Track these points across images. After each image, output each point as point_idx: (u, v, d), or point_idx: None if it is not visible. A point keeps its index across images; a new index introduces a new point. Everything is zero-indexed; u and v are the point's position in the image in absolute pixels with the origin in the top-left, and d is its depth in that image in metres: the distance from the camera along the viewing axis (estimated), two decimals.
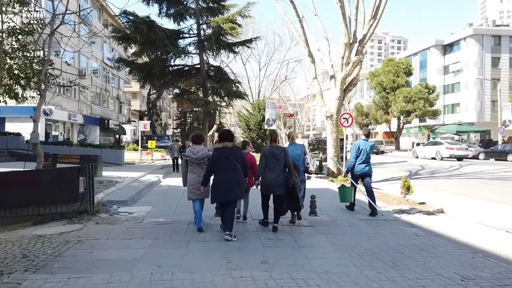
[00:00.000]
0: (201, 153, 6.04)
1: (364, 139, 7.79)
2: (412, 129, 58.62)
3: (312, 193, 7.80)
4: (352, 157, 7.72)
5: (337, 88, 13.97)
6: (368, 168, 7.67)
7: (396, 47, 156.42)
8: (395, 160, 27.47)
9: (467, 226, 6.65)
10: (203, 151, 6.09)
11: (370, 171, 7.75)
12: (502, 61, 51.17)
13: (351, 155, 7.79)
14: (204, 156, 6.00)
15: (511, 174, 16.47)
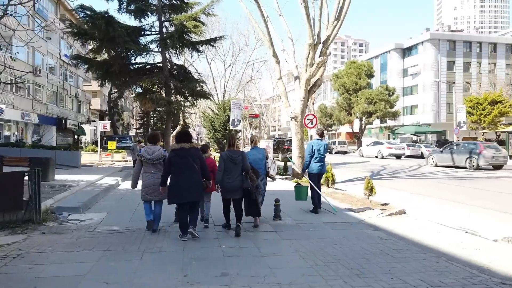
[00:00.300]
0: (157, 153, 5.88)
1: (318, 138, 8.01)
2: (373, 129, 60.32)
3: (276, 195, 7.67)
4: (306, 156, 7.95)
5: (301, 89, 13.90)
6: (324, 167, 7.99)
7: (358, 50, 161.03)
8: (358, 160, 28.02)
9: (428, 228, 6.67)
10: (159, 151, 5.90)
11: (324, 170, 8.11)
12: (456, 64, 53.76)
13: (306, 154, 8.04)
14: (160, 157, 5.85)
15: (465, 174, 17.12)
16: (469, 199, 10.08)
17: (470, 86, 52.57)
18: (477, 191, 11.67)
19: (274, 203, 6.98)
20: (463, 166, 20.00)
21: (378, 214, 7.68)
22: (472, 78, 53.84)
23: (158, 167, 5.90)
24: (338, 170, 19.49)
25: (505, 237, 6.03)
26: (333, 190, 11.03)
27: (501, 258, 4.85)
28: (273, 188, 11.13)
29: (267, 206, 7.48)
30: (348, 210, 8.02)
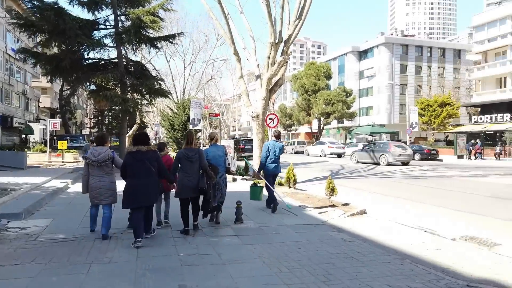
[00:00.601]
0: (103, 155, 5.56)
1: (274, 140, 8.32)
2: (331, 130, 61.66)
3: (237, 196, 7.41)
4: (262, 156, 8.08)
5: (263, 88, 13.72)
6: (278, 168, 8.17)
7: (317, 52, 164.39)
8: (317, 160, 28.37)
9: (390, 228, 6.67)
10: (105, 153, 5.59)
11: (279, 170, 8.25)
12: (409, 68, 56.14)
13: (262, 155, 8.16)
14: (106, 159, 5.55)
15: (420, 173, 17.76)
16: (425, 197, 10.34)
17: (421, 89, 55.13)
18: (432, 189, 12.04)
19: (236, 205, 6.69)
20: (378, 162, 23.13)
21: (340, 214, 7.62)
22: (423, 81, 56.48)
23: (105, 169, 5.66)
24: (298, 170, 19.55)
25: (462, 236, 6.13)
26: (294, 191, 10.93)
27: (463, 258, 4.87)
28: (234, 189, 10.84)
29: (228, 208, 7.20)
30: (310, 211, 7.91)
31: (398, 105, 54.78)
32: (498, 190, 11.46)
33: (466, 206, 8.89)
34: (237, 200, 6.73)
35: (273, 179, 8.28)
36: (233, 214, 6.77)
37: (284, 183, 11.58)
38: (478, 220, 7.50)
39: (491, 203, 9.41)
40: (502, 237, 6.03)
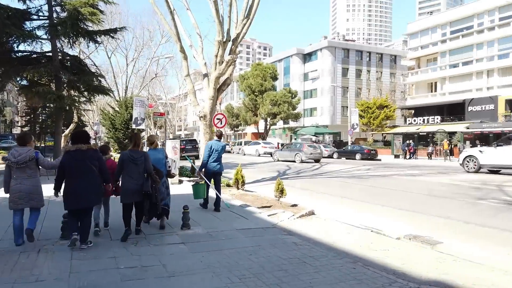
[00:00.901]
0: (23, 156, 5.10)
1: (216, 139, 8.47)
2: (277, 130, 62.57)
3: (183, 199, 7.09)
4: (205, 156, 8.18)
5: (210, 87, 13.36)
6: (220, 166, 8.29)
7: (263, 53, 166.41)
8: (264, 160, 28.50)
9: (339, 229, 6.69)
10: (27, 153, 5.15)
11: (221, 169, 8.38)
12: (350, 71, 58.60)
13: (204, 154, 8.26)
14: (27, 160, 5.11)
15: (362, 172, 18.44)
16: (369, 197, 10.64)
17: (361, 92, 57.82)
18: (375, 189, 12.47)
19: (183, 210, 6.31)
20: (294, 160, 26.50)
21: (289, 216, 7.53)
22: (363, 84, 59.26)
23: (26, 171, 5.18)
24: (246, 171, 19.41)
25: (406, 235, 6.29)
26: (243, 192, 10.73)
27: (410, 258, 4.95)
28: (180, 191, 10.41)
29: (174, 213, 6.81)
30: (260, 214, 7.74)
31: (340, 106, 56.95)
32: (433, 189, 12.14)
33: (407, 205, 9.26)
34: (184, 205, 6.36)
35: (216, 178, 8.37)
36: (179, 220, 6.40)
37: (233, 184, 11.34)
38: (419, 219, 7.80)
39: (429, 201, 9.90)
40: (442, 235, 6.29)
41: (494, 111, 35.31)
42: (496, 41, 37.01)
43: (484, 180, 14.45)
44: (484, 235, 6.38)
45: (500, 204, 9.08)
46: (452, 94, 40.48)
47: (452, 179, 15.02)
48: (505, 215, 7.79)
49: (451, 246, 5.63)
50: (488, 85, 37.28)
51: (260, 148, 37.50)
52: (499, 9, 36.57)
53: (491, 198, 9.86)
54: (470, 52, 39.59)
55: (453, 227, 6.95)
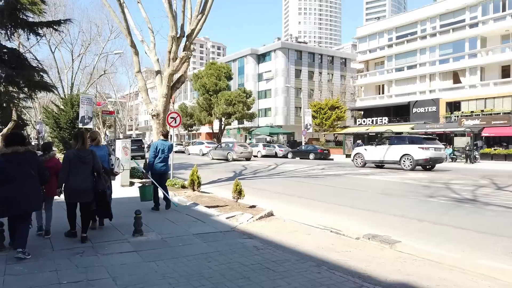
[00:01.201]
0: None
1: (163, 139, 8.43)
2: (232, 130, 62.29)
3: (134, 203, 6.59)
4: (150, 156, 8.06)
5: (164, 84, 12.80)
6: (166, 167, 8.29)
7: (216, 52, 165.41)
8: (219, 161, 28.10)
9: (298, 230, 6.56)
10: None
11: (168, 169, 8.43)
12: (303, 73, 59.67)
13: (150, 154, 8.13)
14: None
15: (317, 172, 18.67)
16: (326, 196, 10.68)
17: (314, 93, 59.12)
18: (331, 188, 12.60)
19: (135, 215, 5.83)
20: (227, 159, 28.56)
21: (248, 218, 7.29)
22: (315, 85, 60.60)
23: None
24: (201, 171, 18.91)
25: (365, 234, 6.29)
26: (199, 194, 10.33)
27: (372, 260, 4.90)
28: (132, 194, 9.82)
29: (124, 218, 6.35)
30: (218, 216, 7.43)
31: (294, 107, 57.81)
32: (386, 187, 12.48)
33: (363, 204, 9.38)
34: (136, 209, 5.88)
35: (162, 177, 8.30)
36: (130, 225, 5.93)
37: (188, 186, 10.90)
38: (375, 217, 7.89)
39: (383, 199, 10.12)
40: (399, 233, 6.36)
41: (436, 113, 37.50)
42: (437, 47, 39.31)
43: (432, 178, 15.16)
44: (438, 232, 6.54)
45: (449, 201, 9.47)
46: (398, 96, 42.45)
47: (402, 177, 15.61)
48: (455, 212, 8.10)
49: (409, 245, 5.69)
50: (430, 88, 39.48)
51: (204, 148, 38.42)
52: (440, 16, 38.90)
53: (441, 196, 10.29)
54: (414, 56, 41.74)
55: (409, 225, 7.08)
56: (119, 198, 9.50)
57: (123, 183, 11.89)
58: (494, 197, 10.16)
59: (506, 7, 33.49)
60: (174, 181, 12.09)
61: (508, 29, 33.69)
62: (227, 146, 30.69)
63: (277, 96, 57.49)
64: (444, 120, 36.42)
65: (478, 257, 5.10)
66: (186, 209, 8.20)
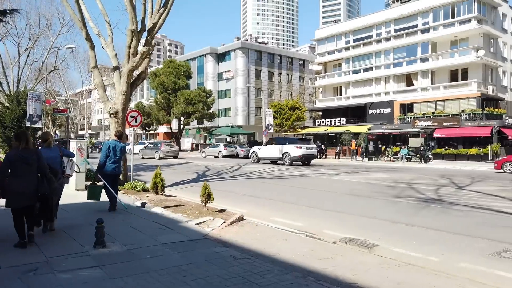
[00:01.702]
0: None
1: (115, 140, 8.31)
2: (191, 130, 61.11)
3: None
4: (102, 156, 7.93)
5: (123, 81, 12.01)
6: (118, 168, 8.16)
7: (174, 51, 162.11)
8: (180, 162, 27.26)
9: (274, 235, 6.25)
10: None
11: (120, 171, 8.32)
12: (262, 73, 59.77)
13: (101, 155, 8.01)
14: None
15: (281, 173, 18.51)
16: (295, 198, 10.47)
17: (274, 93, 59.40)
18: (298, 189, 12.42)
19: (96, 224, 5.22)
20: (154, 157, 30.98)
21: (220, 224, 6.86)
22: (275, 86, 60.95)
23: None
24: (162, 173, 18.21)
25: (341, 238, 6.10)
26: (163, 198, 9.72)
27: (358, 267, 4.69)
28: (84, 199, 9.04)
29: (81, 226, 5.76)
30: (187, 223, 6.93)
31: (254, 107, 57.74)
32: (352, 188, 12.51)
33: (333, 205, 9.26)
34: (98, 218, 5.26)
35: (114, 179, 8.15)
36: (89, 234, 5.33)
37: (151, 189, 10.24)
38: (348, 219, 7.77)
39: (352, 201, 10.07)
40: (375, 236, 6.24)
41: (391, 114, 38.88)
42: (391, 50, 40.77)
43: (394, 178, 15.47)
44: (413, 234, 6.49)
45: (416, 202, 9.57)
46: (355, 98, 43.57)
47: (365, 178, 15.82)
48: (425, 213, 8.15)
49: (388, 248, 5.56)
50: (385, 91, 40.88)
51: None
52: (394, 21, 40.37)
53: (407, 196, 10.42)
54: (370, 59, 43.03)
55: (383, 228, 6.99)
56: (74, 203, 8.72)
57: (78, 186, 11.02)
58: (457, 196, 10.44)
59: (455, 14, 35.36)
60: (134, 184, 11.36)
61: (456, 35, 35.57)
62: (155, 145, 33.00)
63: (237, 96, 57.13)
64: (398, 121, 37.81)
65: (458, 260, 5.04)
66: (151, 215, 7.62)
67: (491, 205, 8.84)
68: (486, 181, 14.20)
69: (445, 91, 35.77)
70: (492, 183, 13.56)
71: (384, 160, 30.41)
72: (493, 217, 7.68)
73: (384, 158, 30.62)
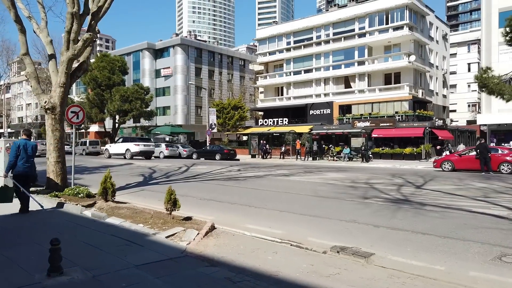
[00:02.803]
0: None
1: (25, 138, 7.98)
2: (126, 129, 57.73)
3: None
4: (11, 156, 7.67)
5: (61, 71, 10.42)
6: (30, 168, 7.82)
7: (105, 45, 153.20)
8: (120, 163, 25.22)
9: (260, 248, 5.55)
10: None
11: (32, 171, 7.90)
12: (203, 71, 58.38)
13: (11, 154, 7.76)
14: None
15: (234, 174, 17.73)
16: (260, 202, 9.79)
17: (214, 92, 58.32)
18: (259, 191, 11.76)
19: (51, 245, 4.04)
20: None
21: (194, 236, 5.96)
22: (216, 85, 59.89)
23: None
24: (100, 176, 16.42)
25: (332, 247, 5.59)
26: (114, 205, 8.49)
27: (371, 283, 4.15)
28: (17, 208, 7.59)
29: (22, 246, 4.50)
30: (153, 235, 5.93)
31: (194, 106, 56.15)
32: (315, 189, 12.10)
33: (302, 208, 8.75)
34: (53, 238, 4.09)
35: (25, 180, 7.78)
36: (37, 257, 4.20)
37: (99, 195, 8.91)
38: (324, 224, 7.30)
39: (320, 203, 9.64)
40: (365, 243, 5.84)
41: (330, 115, 39.98)
42: (330, 53, 41.96)
43: (351, 178, 15.44)
44: (402, 239, 6.15)
45: (386, 203, 9.36)
46: (296, 98, 44.18)
47: (322, 178, 15.64)
48: (401, 215, 7.86)
49: (385, 257, 5.15)
50: (325, 92, 41.96)
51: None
52: (333, 25, 41.59)
53: (374, 197, 10.23)
54: (310, 61, 43.91)
55: (367, 232, 6.60)
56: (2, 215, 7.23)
57: None
58: (421, 196, 10.42)
59: (389, 20, 37.31)
60: (76, 189, 9.90)
61: (390, 41, 37.57)
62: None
63: (177, 94, 55.12)
64: (337, 122, 38.99)
65: (464, 268, 4.75)
66: (107, 227, 6.47)
67: (459, 205, 8.91)
68: (436, 180, 14.65)
69: (380, 94, 37.57)
70: (443, 182, 14.02)
71: (328, 159, 31.03)
72: (469, 217, 7.68)
73: (328, 157, 31.24)
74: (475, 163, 18.44)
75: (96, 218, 7.20)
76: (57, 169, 10.36)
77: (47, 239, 4.05)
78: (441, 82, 43.46)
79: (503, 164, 17.93)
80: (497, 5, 31.21)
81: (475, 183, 13.53)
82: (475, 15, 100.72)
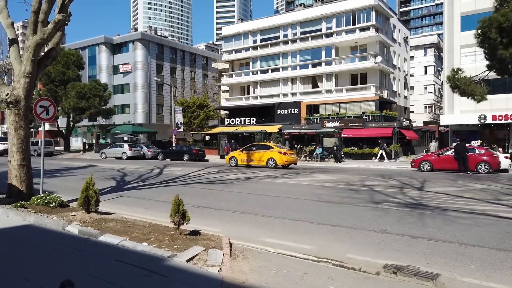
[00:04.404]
0: None
1: None
2: (80, 128, 54.18)
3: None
4: None
5: (26, 58, 8.78)
6: None
7: None
8: (82, 165, 23.03)
9: (308, 272, 4.59)
10: None
11: None
12: (164, 68, 56.13)
13: None
14: None
15: (216, 176, 16.49)
16: (260, 208, 8.78)
17: (177, 90, 56.23)
18: (253, 196, 10.72)
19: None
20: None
21: (221, 259, 4.81)
22: (178, 82, 57.79)
23: None
24: (65, 180, 14.64)
25: (385, 266, 4.76)
26: (100, 217, 7.12)
27: None
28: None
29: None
30: (171, 259, 4.72)
31: (156, 104, 53.80)
32: (314, 193, 11.22)
33: (317, 217, 7.84)
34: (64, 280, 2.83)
35: None
36: None
37: (79, 205, 7.45)
38: (354, 235, 6.42)
39: (330, 209, 8.78)
40: (417, 259, 5.06)
41: (298, 115, 39.63)
42: (298, 52, 41.64)
43: (343, 180, 14.70)
44: (457, 254, 5.32)
45: (403, 208, 8.61)
46: (263, 98, 43.45)
47: (312, 180, 14.81)
48: (430, 222, 7.13)
49: (455, 279, 4.46)
50: (292, 91, 41.58)
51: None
52: (300, 24, 41.30)
53: (384, 202, 9.53)
54: (277, 60, 43.34)
55: (409, 245, 5.81)
56: None
57: None
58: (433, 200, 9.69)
59: (356, 21, 37.58)
60: (46, 197, 8.33)
61: (357, 41, 37.86)
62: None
63: (137, 92, 52.51)
64: (305, 122, 38.70)
65: None
66: (105, 249, 5.16)
67: (481, 209, 8.38)
68: (430, 181, 14.14)
69: (347, 94, 37.74)
70: (439, 183, 13.61)
71: (300, 160, 30.53)
72: (504, 224, 7.13)
73: (301, 158, 30.74)
74: (454, 163, 18.59)
75: (86, 236, 5.82)
76: (22, 174, 8.71)
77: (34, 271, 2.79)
78: (402, 83, 44.62)
79: (481, 164, 18.19)
80: (459, 9, 32.24)
81: (472, 184, 13.33)
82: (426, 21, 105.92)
